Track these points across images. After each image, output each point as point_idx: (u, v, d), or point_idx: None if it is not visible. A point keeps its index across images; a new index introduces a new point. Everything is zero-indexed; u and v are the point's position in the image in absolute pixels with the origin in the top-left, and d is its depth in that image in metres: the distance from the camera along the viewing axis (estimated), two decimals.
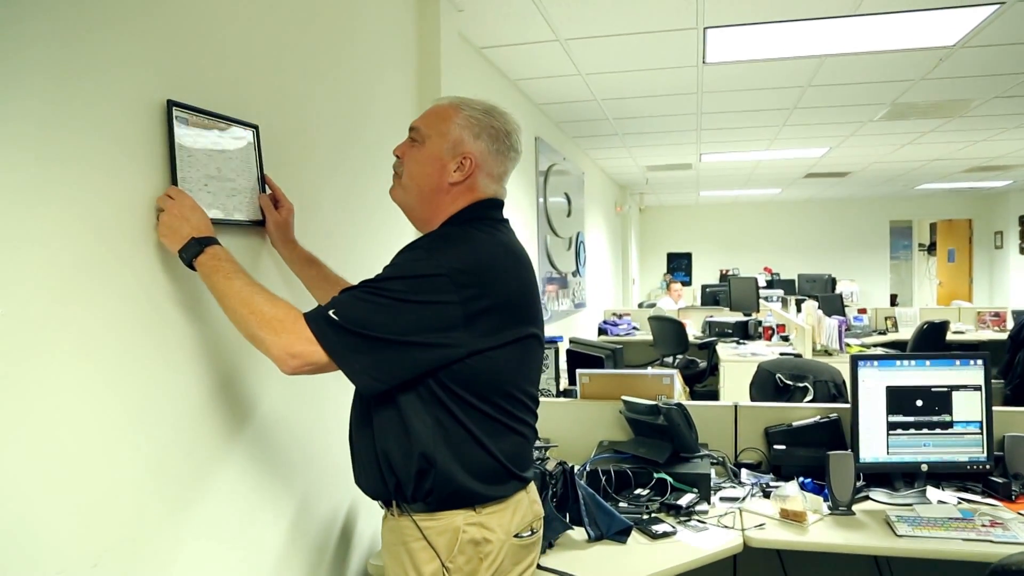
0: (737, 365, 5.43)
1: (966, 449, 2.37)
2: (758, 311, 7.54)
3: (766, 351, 5.80)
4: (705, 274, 13.87)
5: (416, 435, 1.41)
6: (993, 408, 2.38)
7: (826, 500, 2.24)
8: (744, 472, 2.53)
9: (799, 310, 6.67)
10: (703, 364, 6.50)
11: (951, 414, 2.38)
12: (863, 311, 8.07)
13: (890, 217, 13.70)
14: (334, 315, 1.34)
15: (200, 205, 1.44)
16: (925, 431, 2.38)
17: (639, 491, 2.30)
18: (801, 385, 3.35)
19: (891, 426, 2.39)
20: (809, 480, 2.39)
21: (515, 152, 1.59)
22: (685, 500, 2.22)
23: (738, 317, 7.14)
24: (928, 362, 2.43)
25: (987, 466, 2.35)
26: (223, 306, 1.39)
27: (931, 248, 14.42)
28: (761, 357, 5.21)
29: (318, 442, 1.96)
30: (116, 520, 1.28)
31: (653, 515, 2.19)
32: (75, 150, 1.21)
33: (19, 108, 1.12)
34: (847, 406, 2.50)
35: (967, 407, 2.38)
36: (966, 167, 8.99)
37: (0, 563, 1.07)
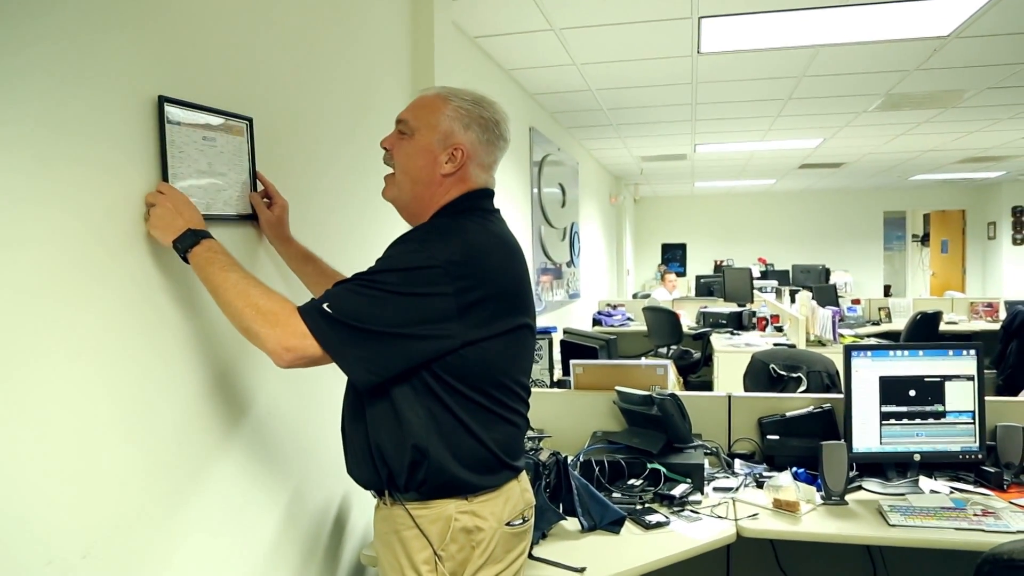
0: (731, 356, 5.45)
1: (958, 439, 2.38)
2: (752, 302, 7.55)
3: (760, 342, 5.82)
4: (699, 265, 13.88)
5: (409, 426, 1.41)
6: (985, 398, 2.40)
7: (819, 490, 2.25)
8: (737, 462, 2.53)
9: (793, 301, 6.67)
10: (697, 355, 6.52)
11: (944, 404, 2.39)
12: (857, 302, 8.08)
13: (884, 208, 13.72)
14: (328, 308, 1.33)
15: (191, 200, 1.43)
16: (918, 421, 2.39)
17: (632, 481, 2.30)
18: (795, 375, 3.36)
19: (884, 416, 2.40)
20: (802, 470, 2.39)
21: (504, 141, 1.59)
22: (679, 490, 2.23)
23: (732, 308, 7.16)
24: (921, 352, 2.43)
25: (979, 456, 2.36)
26: (217, 299, 1.38)
27: (924, 239, 14.46)
28: (755, 348, 5.23)
29: (311, 433, 1.95)
30: (107, 511, 1.27)
31: (647, 505, 2.19)
32: (66, 148, 1.19)
33: (18, 110, 1.11)
34: (840, 396, 2.51)
35: (960, 397, 2.39)
36: (960, 158, 9.01)
37: None
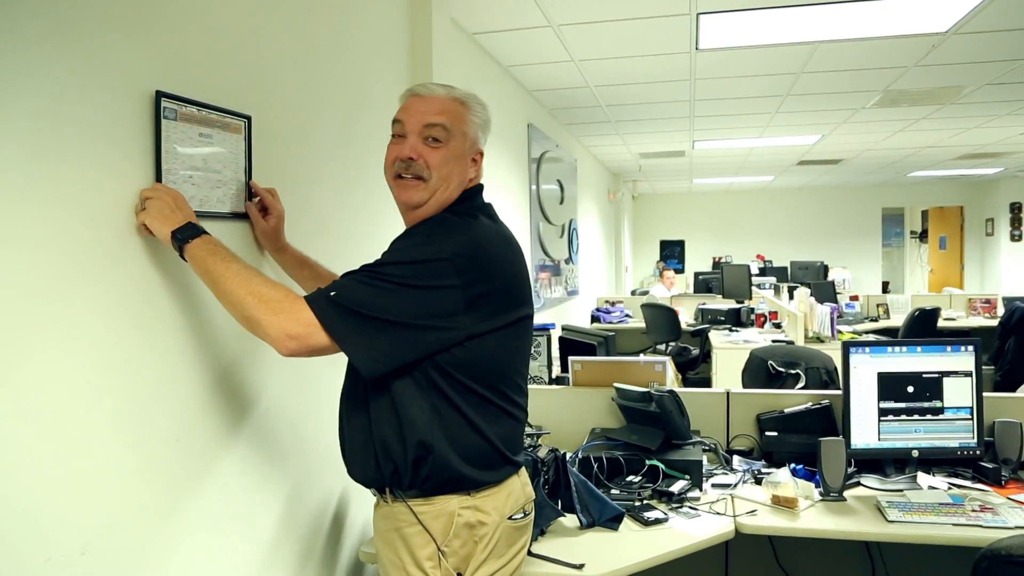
0: (729, 352, 5.45)
1: (956, 435, 2.38)
2: (750, 298, 7.57)
3: (758, 338, 5.82)
4: (698, 261, 13.88)
5: (413, 422, 1.41)
6: (983, 394, 2.40)
7: (817, 486, 2.25)
8: (736, 459, 2.53)
9: (791, 297, 6.69)
10: (695, 351, 6.52)
11: (942, 400, 2.39)
12: (855, 298, 8.09)
13: (882, 204, 13.72)
14: (337, 297, 1.34)
15: (184, 197, 1.42)
16: (916, 417, 2.39)
17: (631, 478, 2.30)
18: (793, 372, 3.37)
19: (882, 412, 2.40)
20: (801, 466, 2.40)
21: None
22: (677, 487, 2.23)
23: (731, 304, 7.16)
24: (919, 348, 2.43)
25: (977, 452, 2.37)
26: (217, 288, 1.36)
27: (923, 235, 14.46)
28: (753, 344, 5.23)
29: (311, 430, 1.95)
30: (105, 508, 1.27)
31: (645, 502, 2.19)
32: (60, 143, 1.19)
33: (11, 105, 1.10)
34: (839, 392, 2.51)
35: (958, 393, 2.39)
36: (958, 154, 9.01)
37: None
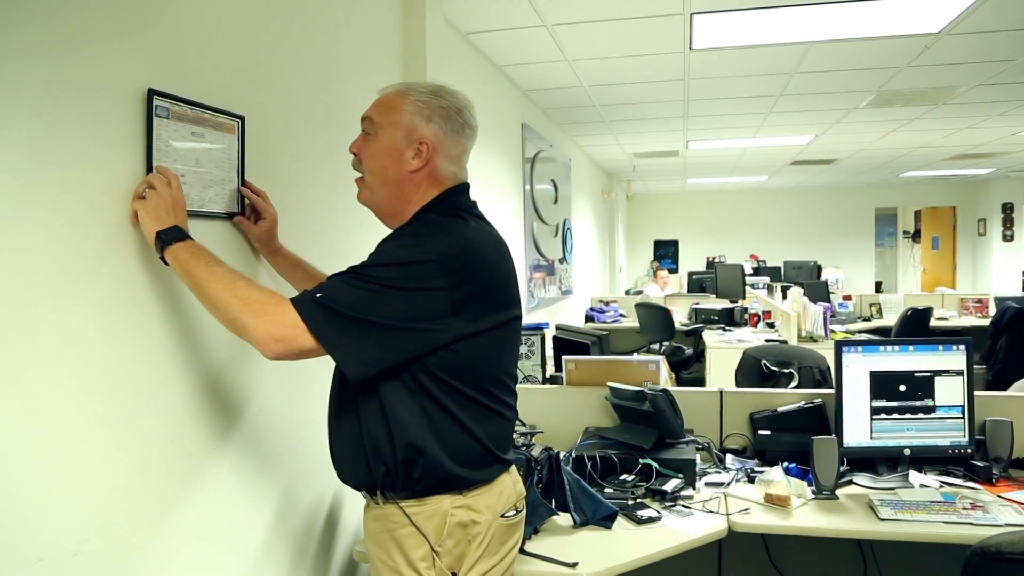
0: (723, 351, 5.46)
1: (948, 433, 2.39)
2: (744, 298, 7.58)
3: (752, 338, 5.83)
4: (692, 261, 13.90)
5: (403, 425, 1.40)
6: (975, 393, 2.41)
7: (810, 485, 2.26)
8: (729, 457, 2.54)
9: (785, 297, 6.70)
10: (689, 351, 6.53)
11: (934, 399, 2.40)
12: (848, 298, 8.11)
13: (875, 204, 13.78)
14: (323, 299, 1.33)
15: (184, 203, 1.42)
16: (908, 416, 2.40)
17: (624, 477, 2.30)
18: (786, 371, 3.38)
19: (875, 411, 2.41)
20: (793, 465, 2.40)
21: (470, 129, 1.58)
22: (670, 485, 2.23)
23: (724, 304, 7.18)
24: (911, 347, 2.44)
25: (968, 450, 2.38)
26: (202, 292, 1.35)
27: (915, 235, 14.51)
28: (747, 343, 5.23)
29: (302, 431, 1.95)
30: (97, 510, 1.27)
31: (638, 500, 2.20)
32: (49, 141, 1.18)
33: (11, 112, 1.10)
34: (831, 391, 2.52)
35: (949, 392, 2.40)
36: (950, 155, 9.05)
37: None
